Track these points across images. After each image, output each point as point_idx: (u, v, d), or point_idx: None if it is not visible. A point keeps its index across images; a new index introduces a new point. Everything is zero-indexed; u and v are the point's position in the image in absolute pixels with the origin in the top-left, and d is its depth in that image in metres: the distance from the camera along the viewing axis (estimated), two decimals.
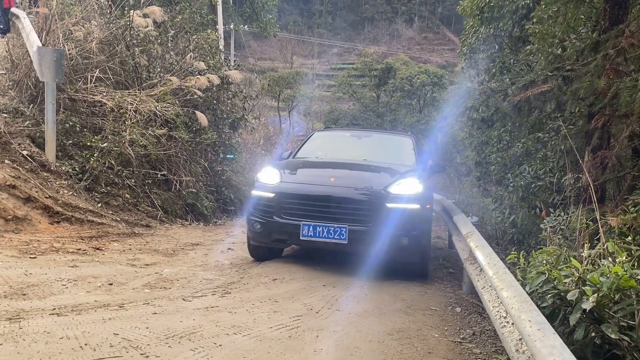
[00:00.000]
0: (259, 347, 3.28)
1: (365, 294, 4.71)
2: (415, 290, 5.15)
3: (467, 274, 4.68)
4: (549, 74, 5.20)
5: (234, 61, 18.54)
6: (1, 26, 11.56)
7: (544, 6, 6.86)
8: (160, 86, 8.72)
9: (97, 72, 7.85)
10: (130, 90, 8.28)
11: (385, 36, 61.18)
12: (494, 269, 3.42)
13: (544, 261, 3.32)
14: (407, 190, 5.24)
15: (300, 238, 5.15)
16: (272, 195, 5.39)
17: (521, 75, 7.13)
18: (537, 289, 3.12)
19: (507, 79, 6.77)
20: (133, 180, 7.44)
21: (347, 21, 65.39)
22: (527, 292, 2.96)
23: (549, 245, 4.54)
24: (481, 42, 10.57)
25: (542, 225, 5.59)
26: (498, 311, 3.11)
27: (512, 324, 2.75)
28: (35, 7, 9.26)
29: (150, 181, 7.87)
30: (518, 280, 3.29)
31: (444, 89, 27.10)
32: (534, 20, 7.18)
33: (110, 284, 4.39)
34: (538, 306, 2.74)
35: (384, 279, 5.44)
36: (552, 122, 6.50)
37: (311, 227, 5.11)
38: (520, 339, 2.58)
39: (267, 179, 5.61)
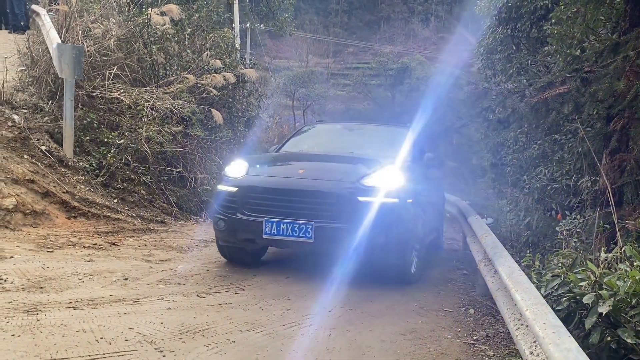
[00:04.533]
0: (272, 345, 3.30)
1: (378, 294, 4.71)
2: (429, 291, 5.13)
3: (481, 275, 4.66)
4: (567, 75, 5.15)
5: (250, 60, 18.60)
6: (22, 23, 11.72)
7: (562, 7, 6.78)
8: (177, 84, 8.77)
9: (114, 69, 7.92)
10: (147, 88, 8.34)
11: (401, 36, 60.90)
12: (509, 270, 3.40)
13: (560, 264, 3.29)
14: (384, 182, 4.69)
15: (263, 236, 4.65)
16: (235, 189, 4.90)
17: (539, 76, 7.07)
18: (552, 292, 3.09)
19: (524, 80, 6.71)
20: (149, 177, 7.50)
21: (363, 20, 65.23)
22: (542, 295, 2.94)
23: (565, 249, 4.50)
24: (498, 43, 10.47)
25: (557, 228, 5.53)
26: (512, 313, 3.09)
27: (527, 326, 2.73)
28: (55, 4, 9.37)
29: (165, 178, 7.93)
30: (533, 282, 3.26)
31: (460, 89, 26.93)
32: (553, 21, 7.09)
33: (126, 279, 4.44)
34: (553, 309, 2.72)
35: (396, 280, 5.43)
36: (569, 124, 6.43)
37: (274, 224, 4.60)
38: (534, 342, 2.56)
39: (233, 172, 5.12)
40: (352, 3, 66.20)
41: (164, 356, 2.96)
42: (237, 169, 5.13)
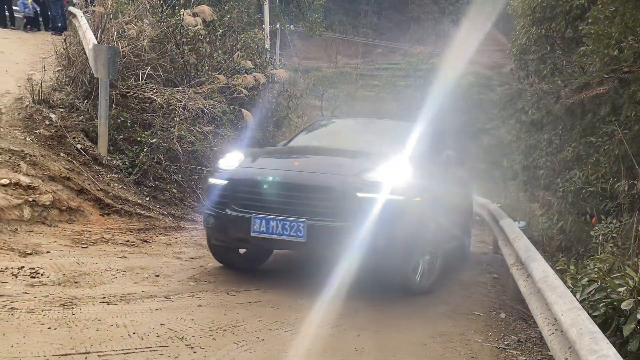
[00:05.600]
0: (301, 344, 3.31)
1: (408, 296, 4.67)
2: (459, 294, 5.07)
3: (513, 279, 4.57)
4: (605, 76, 5.02)
5: (280, 60, 18.71)
6: (59, 24, 12.04)
7: (600, 6, 6.60)
8: (208, 84, 8.88)
9: (148, 70, 8.07)
10: (179, 88, 8.47)
11: (432, 36, 60.35)
12: (543, 274, 3.33)
13: (596, 268, 3.21)
14: (388, 177, 4.19)
15: (251, 234, 4.21)
16: (225, 183, 4.50)
17: (574, 77, 6.90)
18: (588, 297, 3.02)
19: (559, 81, 6.57)
20: (180, 176, 7.61)
21: (392, 21, 64.88)
22: (577, 300, 2.87)
23: (600, 253, 4.38)
24: (532, 43, 10.27)
25: (592, 233, 5.40)
26: (546, 318, 3.03)
27: (562, 331, 2.66)
28: (91, 6, 9.59)
29: (196, 177, 8.03)
30: (568, 287, 3.19)
31: (492, 90, 26.53)
32: (589, 20, 6.92)
33: (157, 276, 4.50)
34: (589, 315, 2.65)
35: None
36: (605, 126, 6.26)
37: (264, 221, 4.15)
38: (569, 348, 2.50)
39: (225, 164, 4.72)
40: (382, 4, 65.90)
41: (194, 352, 2.99)
42: (230, 161, 4.74)
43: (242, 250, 5.10)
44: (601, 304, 2.91)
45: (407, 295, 4.59)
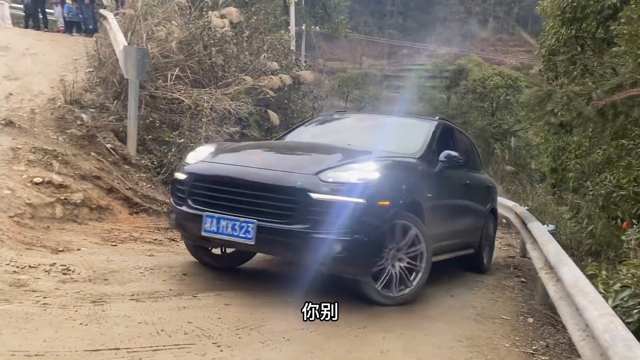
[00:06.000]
0: (326, 344, 3.31)
1: (433, 299, 4.64)
2: (485, 298, 5.02)
3: (542, 283, 4.50)
4: (638, 77, 4.90)
5: (305, 62, 18.79)
6: (90, 26, 12.30)
7: (633, 6, 6.46)
8: (235, 85, 8.96)
9: (176, 71, 8.18)
10: (206, 89, 8.57)
11: (458, 37, 59.82)
12: (573, 279, 3.27)
13: (630, 274, 3.13)
14: (349, 177, 3.84)
15: (202, 233, 3.98)
16: (184, 177, 4.29)
17: (605, 78, 6.75)
18: (621, 303, 2.95)
19: (590, 83, 6.42)
20: None
21: (418, 22, 64.52)
22: (610, 306, 2.81)
23: (633, 258, 4.28)
24: (561, 44, 10.08)
25: (623, 237, 5.27)
26: (576, 324, 2.97)
27: (593, 338, 2.61)
28: (122, 8, 9.77)
29: None
30: (599, 292, 3.12)
31: (518, 92, 26.17)
32: (622, 20, 6.76)
33: (184, 274, 4.55)
34: (622, 321, 2.59)
35: (452, 285, 5.35)
36: (638, 129, 6.11)
37: (215, 220, 3.90)
38: (601, 355, 2.45)
39: (191, 158, 4.52)
40: (408, 4, 65.61)
41: (221, 351, 3.02)
42: (197, 154, 4.54)
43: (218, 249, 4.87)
44: (635, 310, 2.84)
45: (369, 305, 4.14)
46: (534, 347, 3.78)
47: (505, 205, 9.01)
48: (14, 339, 2.80)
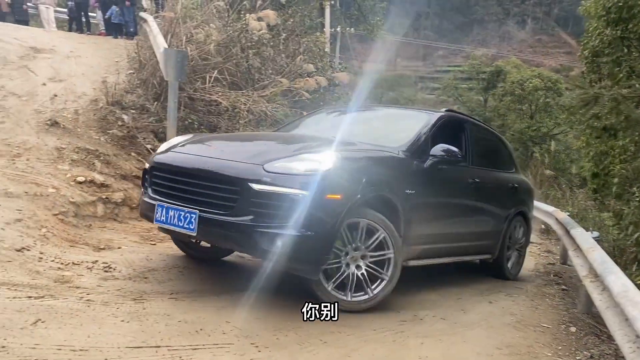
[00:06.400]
0: (364, 348, 3.29)
1: (472, 305, 4.56)
2: (525, 305, 4.90)
3: (585, 291, 4.37)
4: None
5: (339, 63, 18.79)
6: (131, 29, 12.60)
7: None
8: (271, 87, 9.02)
9: (215, 73, 8.28)
10: (243, 91, 8.65)
11: (495, 38, 58.89)
12: (622, 288, 3.15)
13: None
14: (296, 168, 3.59)
15: (155, 222, 3.96)
16: (148, 166, 4.30)
17: None
18: None
19: (637, 85, 6.22)
20: None
21: (454, 23, 63.78)
22: None
23: None
24: (605, 45, 9.80)
25: None
26: (626, 334, 2.86)
27: None
28: (162, 11, 9.96)
29: None
30: None
31: (558, 95, 25.54)
32: None
33: (222, 274, 4.60)
34: None
35: (490, 291, 5.24)
36: None
37: (164, 209, 3.83)
38: None
39: (162, 147, 4.51)
40: (444, 5, 64.90)
41: (259, 351, 3.03)
42: (168, 144, 4.49)
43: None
44: None
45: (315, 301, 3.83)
46: (577, 358, 3.67)
47: (545, 210, 8.79)
48: (59, 334, 2.88)
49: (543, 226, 10.25)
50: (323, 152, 3.78)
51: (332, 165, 3.64)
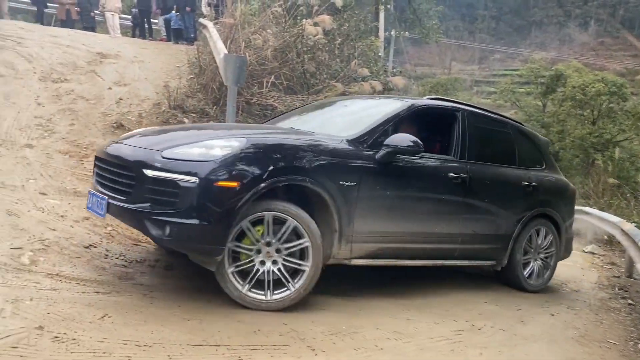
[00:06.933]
0: (421, 357, 3.25)
1: (532, 317, 4.42)
2: (589, 319, 4.71)
3: None
4: None
5: (393, 67, 18.67)
6: (192, 35, 12.98)
7: None
8: (326, 92, 9.07)
9: (272, 79, 8.41)
10: (298, 95, 8.75)
11: (555, 41, 56.97)
12: None
13: None
14: (190, 154, 3.48)
15: (86, 208, 4.03)
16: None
17: None
18: None
19: None
20: None
21: (512, 26, 62.16)
22: None
23: None
24: None
25: None
26: None
27: None
28: (222, 17, 10.21)
29: None
30: None
31: (623, 100, 24.38)
32: None
33: None
34: None
35: (550, 303, 5.07)
36: None
37: (90, 196, 3.90)
38: None
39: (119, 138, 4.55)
40: (501, 8, 63.42)
41: (315, 355, 3.05)
42: (124, 135, 4.54)
43: None
44: None
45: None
46: None
47: (609, 220, 8.40)
48: (125, 329, 2.99)
49: (606, 237, 9.81)
50: (228, 139, 3.63)
51: (230, 151, 3.46)
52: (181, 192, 3.34)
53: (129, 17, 16.51)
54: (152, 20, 15.73)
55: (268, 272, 3.63)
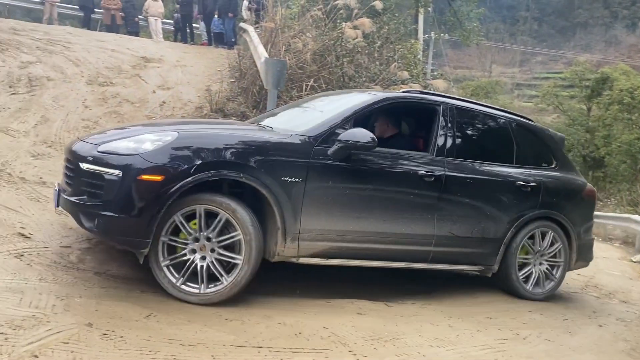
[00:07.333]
0: None
1: (579, 327, 4.28)
2: (639, 332, 4.52)
3: None
4: None
5: (431, 70, 18.52)
6: (233, 39, 13.17)
7: None
8: None
9: (311, 82, 8.43)
10: None
11: (600, 43, 55.23)
12: None
13: None
14: (118, 148, 3.55)
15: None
16: None
17: None
18: None
19: None
20: None
21: (555, 27, 60.60)
22: None
23: None
24: None
25: None
26: None
27: None
28: (262, 21, 10.33)
29: None
30: None
31: None
32: None
33: (318, 278, 4.64)
34: None
35: (596, 313, 4.91)
36: None
37: (56, 190, 3.92)
38: None
39: None
40: (544, 9, 61.90)
41: (357, 359, 3.04)
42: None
43: None
44: None
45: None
46: None
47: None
48: (169, 328, 3.04)
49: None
50: (161, 133, 3.64)
51: (158, 145, 3.49)
52: (106, 185, 3.42)
53: (171, 21, 16.87)
54: (193, 24, 16.04)
55: (202, 266, 3.60)
